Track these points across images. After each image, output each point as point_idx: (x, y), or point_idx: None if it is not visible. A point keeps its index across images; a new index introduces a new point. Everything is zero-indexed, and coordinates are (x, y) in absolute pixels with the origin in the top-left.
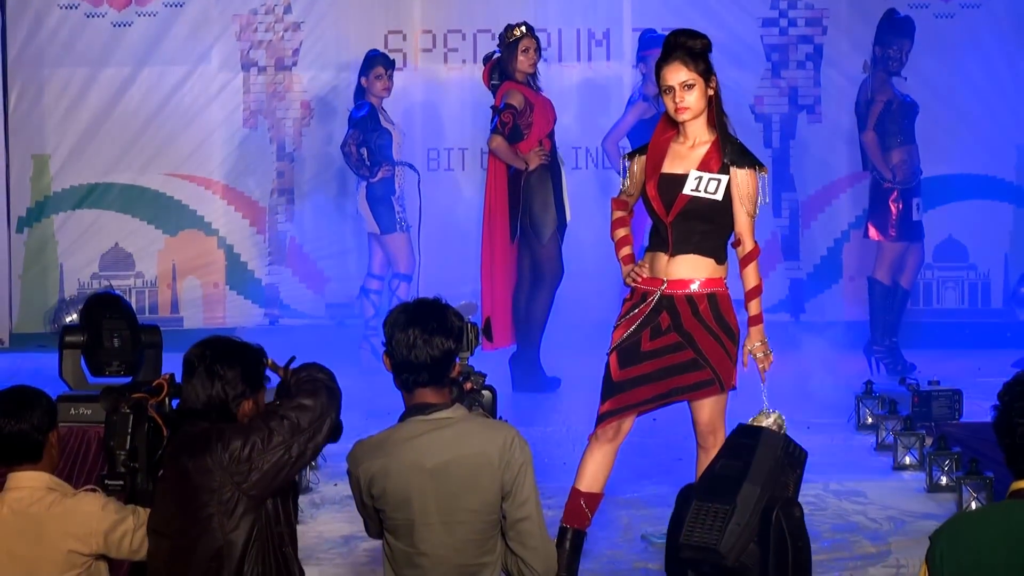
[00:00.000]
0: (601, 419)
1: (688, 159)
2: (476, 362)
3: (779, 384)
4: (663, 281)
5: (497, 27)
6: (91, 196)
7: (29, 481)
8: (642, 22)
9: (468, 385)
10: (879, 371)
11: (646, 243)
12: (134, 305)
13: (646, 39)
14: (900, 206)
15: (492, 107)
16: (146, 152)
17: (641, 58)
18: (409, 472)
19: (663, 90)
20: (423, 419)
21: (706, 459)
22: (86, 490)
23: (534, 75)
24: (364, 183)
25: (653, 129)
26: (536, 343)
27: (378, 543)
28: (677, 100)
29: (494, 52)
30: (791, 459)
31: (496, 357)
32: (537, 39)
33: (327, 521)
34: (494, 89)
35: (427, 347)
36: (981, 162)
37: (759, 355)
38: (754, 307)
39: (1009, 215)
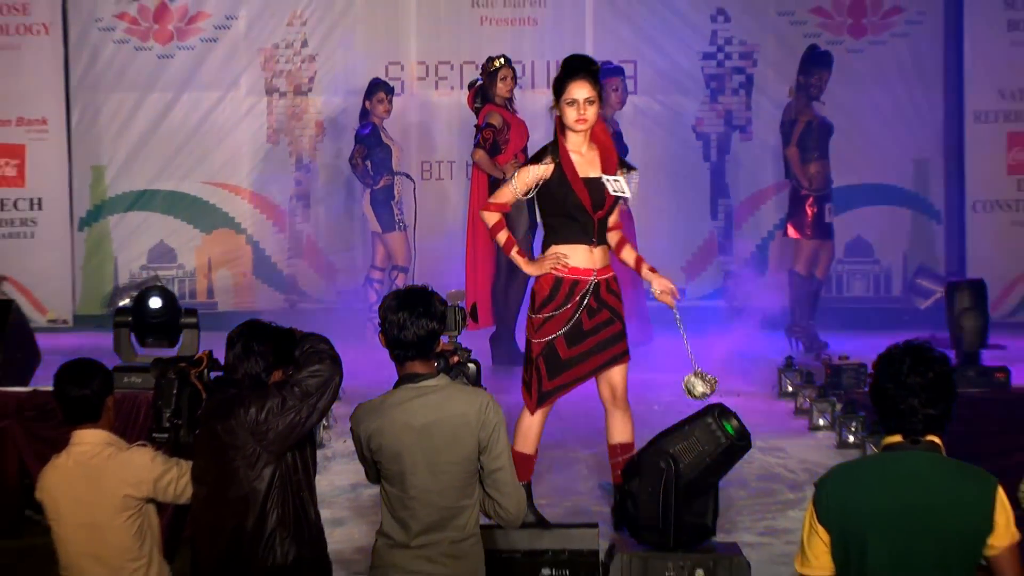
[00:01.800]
0: (550, 393)
1: (592, 164)
2: (463, 340)
3: (714, 359)
4: (593, 270)
5: (480, 59)
6: (140, 200)
7: (90, 437)
8: (601, 55)
9: (456, 359)
10: (798, 348)
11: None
12: (176, 292)
13: (604, 69)
14: (815, 210)
15: (475, 126)
16: (186, 163)
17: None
18: (400, 431)
19: (567, 103)
20: (412, 387)
21: (620, 419)
22: (138, 445)
23: (511, 99)
24: (368, 190)
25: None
26: (512, 325)
27: (377, 489)
28: (581, 112)
29: (477, 80)
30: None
31: (479, 336)
32: (513, 69)
33: (337, 472)
34: (477, 111)
35: (414, 328)
36: (884, 174)
37: (671, 287)
38: (645, 264)
39: (907, 218)
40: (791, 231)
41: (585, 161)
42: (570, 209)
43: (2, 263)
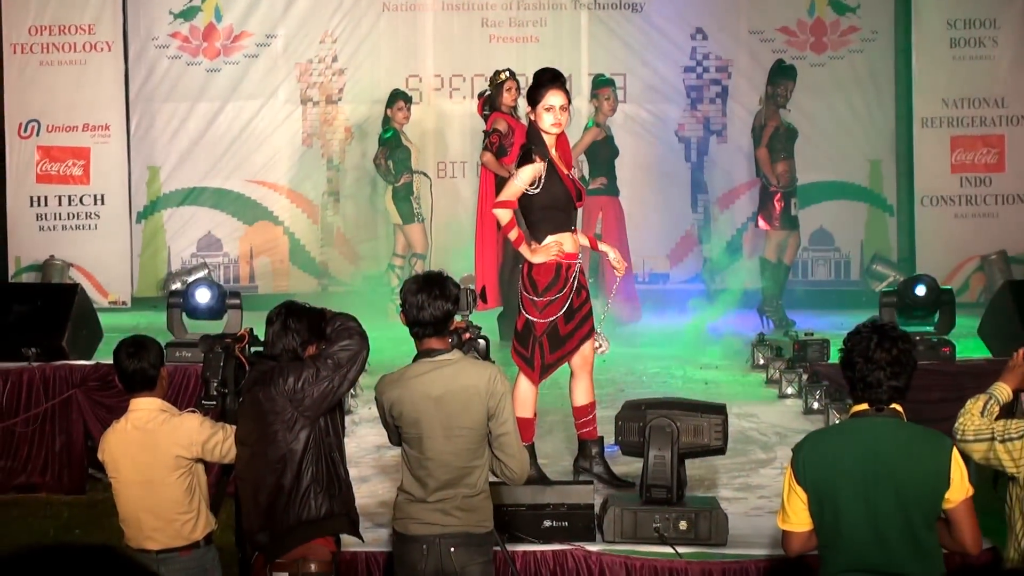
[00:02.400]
0: (552, 365)
1: (564, 161)
2: (474, 319)
3: (695, 336)
4: (577, 255)
5: (488, 72)
6: (190, 196)
7: (146, 405)
8: (595, 68)
9: (467, 336)
10: (769, 326)
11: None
12: (221, 277)
13: (597, 81)
14: (782, 204)
15: (484, 131)
16: (230, 164)
17: (594, 95)
18: (419, 400)
19: (544, 108)
20: (429, 361)
21: (586, 383)
22: (188, 411)
23: (515, 107)
24: (390, 186)
25: (603, 147)
26: (516, 305)
27: (398, 450)
28: (558, 117)
29: (485, 90)
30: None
31: (488, 315)
32: (517, 80)
33: (363, 435)
34: (485, 118)
35: (431, 308)
36: (843, 172)
37: (620, 257)
38: (599, 241)
39: (863, 211)
40: (761, 223)
41: (558, 158)
42: (559, 200)
43: (69, 251)
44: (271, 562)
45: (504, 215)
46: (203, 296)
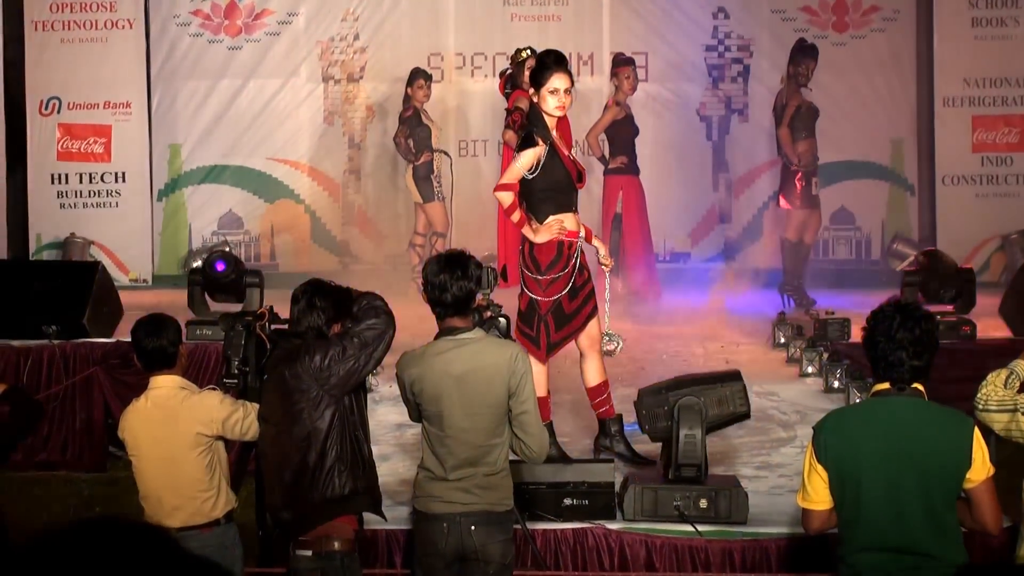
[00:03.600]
0: (557, 344)
1: (565, 143)
2: (495, 297)
3: (716, 315)
4: (579, 234)
5: (510, 50)
6: (211, 174)
7: (166, 382)
8: (616, 47)
9: (488, 314)
10: (790, 305)
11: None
12: (242, 255)
13: (617, 60)
14: (803, 183)
15: (505, 109)
16: (252, 142)
17: (614, 73)
18: (440, 377)
19: (549, 91)
20: (451, 339)
21: (597, 362)
22: (208, 389)
23: None
24: (411, 165)
25: (624, 126)
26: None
27: (419, 428)
28: (562, 100)
29: (507, 68)
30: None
31: (510, 294)
32: None
33: (385, 413)
34: (507, 96)
35: (454, 288)
36: (865, 152)
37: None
38: (593, 234)
39: (885, 190)
40: (782, 202)
41: (560, 141)
42: (560, 182)
43: (90, 229)
44: (294, 539)
45: (506, 198)
46: (220, 267)
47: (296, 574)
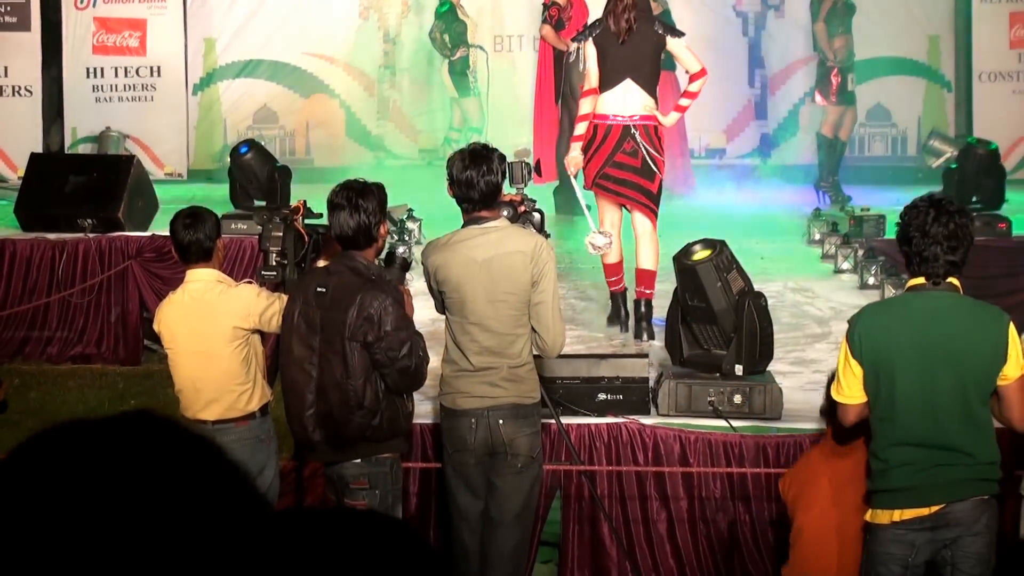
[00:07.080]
0: None
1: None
2: (530, 191)
3: (750, 211)
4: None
5: None
6: (247, 69)
7: (203, 276)
8: None
9: (523, 208)
10: (825, 201)
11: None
12: (277, 150)
13: None
14: (839, 79)
15: (543, 4)
16: (287, 36)
17: None
18: (464, 263)
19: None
20: (477, 227)
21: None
22: (245, 282)
23: None
24: (446, 60)
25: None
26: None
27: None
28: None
29: None
30: (724, 266)
31: (544, 188)
32: None
33: (417, 308)
34: None
35: (480, 184)
36: (901, 47)
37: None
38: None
39: (922, 87)
40: (818, 98)
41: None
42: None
43: (125, 123)
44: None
45: (585, 105)
46: (243, 150)
47: (339, 479)
